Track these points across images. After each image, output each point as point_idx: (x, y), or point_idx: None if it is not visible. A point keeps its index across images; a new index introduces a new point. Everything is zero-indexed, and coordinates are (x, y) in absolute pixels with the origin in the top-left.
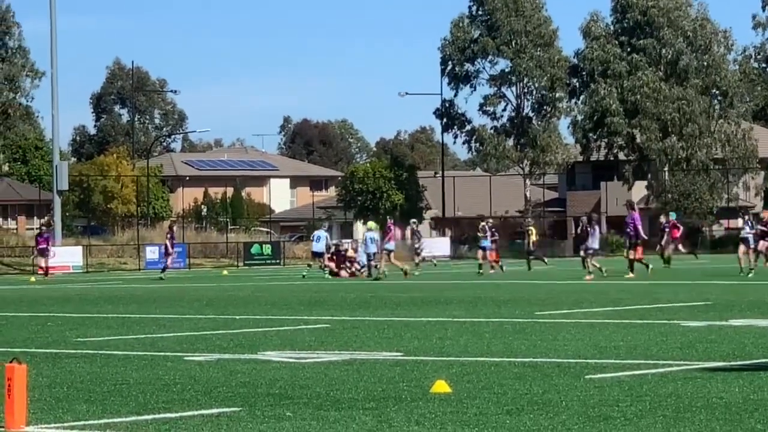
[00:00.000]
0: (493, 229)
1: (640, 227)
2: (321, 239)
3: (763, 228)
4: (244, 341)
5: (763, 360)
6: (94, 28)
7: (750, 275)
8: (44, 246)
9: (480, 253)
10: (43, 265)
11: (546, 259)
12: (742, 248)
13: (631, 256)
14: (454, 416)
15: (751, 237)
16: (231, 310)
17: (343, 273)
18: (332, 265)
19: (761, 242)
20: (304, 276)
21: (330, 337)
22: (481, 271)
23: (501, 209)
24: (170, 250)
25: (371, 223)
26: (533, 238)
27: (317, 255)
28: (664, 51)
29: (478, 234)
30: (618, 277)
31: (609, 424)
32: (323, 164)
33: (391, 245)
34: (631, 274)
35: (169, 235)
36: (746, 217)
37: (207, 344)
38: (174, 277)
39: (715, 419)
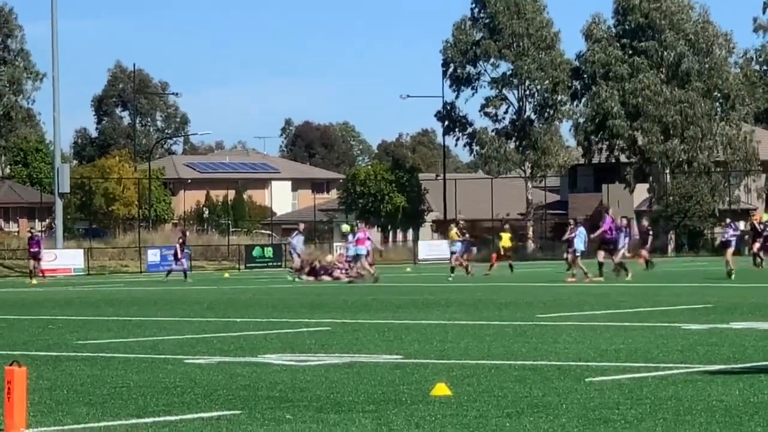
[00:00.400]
0: (465, 231)
1: (614, 231)
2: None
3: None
4: (245, 344)
5: (764, 363)
6: (95, 31)
7: (731, 275)
8: (36, 249)
9: (454, 257)
10: (38, 267)
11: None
12: (729, 251)
13: (616, 260)
14: (455, 419)
15: (734, 240)
16: (232, 312)
17: (336, 274)
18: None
19: (755, 244)
20: (294, 280)
21: (331, 340)
22: (470, 272)
23: (503, 212)
24: (180, 254)
25: (345, 227)
26: (506, 243)
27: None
28: (665, 53)
29: (453, 236)
30: (610, 280)
31: (609, 427)
32: (325, 167)
33: (362, 249)
34: (628, 276)
35: (180, 240)
36: (727, 220)
37: (207, 347)
38: (175, 280)
39: (715, 422)
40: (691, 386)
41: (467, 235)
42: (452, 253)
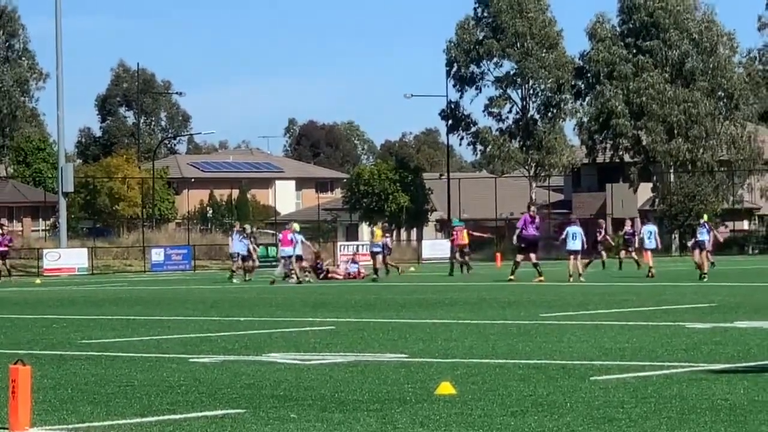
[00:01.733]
0: (388, 234)
1: (525, 230)
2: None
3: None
4: (249, 343)
5: None
6: (98, 30)
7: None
8: (5, 249)
9: (378, 258)
10: (4, 266)
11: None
12: (699, 252)
13: (524, 258)
14: (459, 418)
15: (707, 241)
16: (236, 312)
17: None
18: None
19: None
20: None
21: (335, 338)
22: (375, 276)
23: (506, 211)
24: (253, 252)
25: (295, 225)
26: (463, 240)
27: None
28: (670, 53)
29: (378, 236)
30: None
31: (614, 426)
32: (329, 166)
33: (288, 251)
34: (540, 278)
35: (247, 236)
36: (701, 221)
37: (212, 346)
38: (179, 279)
39: (719, 421)
40: (695, 385)
41: (388, 236)
42: (375, 253)
